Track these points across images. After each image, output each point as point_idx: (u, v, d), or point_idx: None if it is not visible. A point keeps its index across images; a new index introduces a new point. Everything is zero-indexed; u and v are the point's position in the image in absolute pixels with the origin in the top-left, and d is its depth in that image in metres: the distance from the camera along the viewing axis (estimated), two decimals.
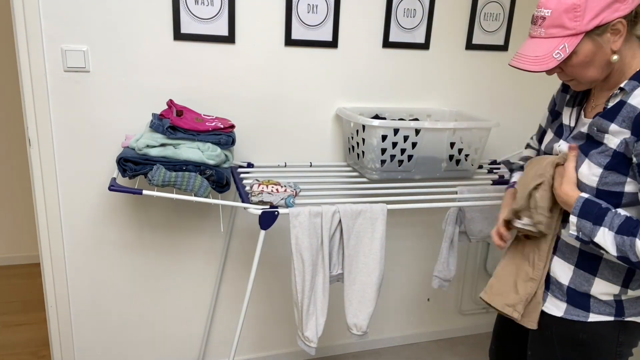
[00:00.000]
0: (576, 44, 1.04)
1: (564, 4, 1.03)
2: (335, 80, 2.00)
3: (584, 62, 1.07)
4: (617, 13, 1.02)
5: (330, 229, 1.58)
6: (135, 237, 1.96)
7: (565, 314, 1.19)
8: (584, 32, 1.03)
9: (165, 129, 1.57)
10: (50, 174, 1.78)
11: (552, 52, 1.05)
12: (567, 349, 1.20)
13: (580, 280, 1.17)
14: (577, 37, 1.04)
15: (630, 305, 1.16)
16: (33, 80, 1.67)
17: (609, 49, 1.05)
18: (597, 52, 1.06)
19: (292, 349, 2.34)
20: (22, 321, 2.55)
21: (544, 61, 1.06)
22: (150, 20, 1.74)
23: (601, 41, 1.05)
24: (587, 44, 1.05)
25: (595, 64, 1.07)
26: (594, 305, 1.16)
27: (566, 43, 1.04)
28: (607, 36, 1.04)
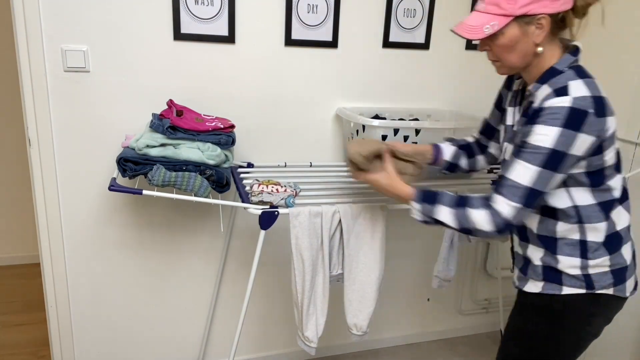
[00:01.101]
0: (504, 24, 1.16)
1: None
2: (335, 80, 2.00)
3: (508, 45, 1.19)
4: (544, 9, 1.13)
5: (330, 229, 1.58)
6: (135, 237, 1.96)
7: (543, 290, 1.28)
8: (513, 16, 1.15)
9: (165, 129, 1.57)
10: (50, 174, 1.78)
11: (483, 26, 1.18)
12: (542, 317, 1.29)
13: (548, 259, 1.27)
14: (507, 18, 1.15)
15: (599, 278, 1.24)
16: (33, 80, 1.67)
17: (532, 41, 1.17)
18: (521, 39, 1.17)
19: (292, 349, 2.34)
20: (22, 321, 2.55)
21: (475, 31, 1.19)
22: (150, 20, 1.74)
23: (526, 30, 1.16)
24: (514, 28, 1.17)
25: (517, 50, 1.19)
26: (565, 279, 1.25)
27: (497, 21, 1.16)
28: (532, 28, 1.16)
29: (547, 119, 1.10)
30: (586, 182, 1.18)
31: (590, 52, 2.21)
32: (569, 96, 1.11)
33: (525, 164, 1.13)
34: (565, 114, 1.09)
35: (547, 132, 1.10)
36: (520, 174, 1.14)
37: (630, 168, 2.03)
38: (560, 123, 1.09)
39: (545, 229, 1.26)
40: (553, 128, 1.10)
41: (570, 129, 1.09)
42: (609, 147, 1.17)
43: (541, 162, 1.11)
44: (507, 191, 1.15)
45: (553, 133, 1.10)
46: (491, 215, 1.17)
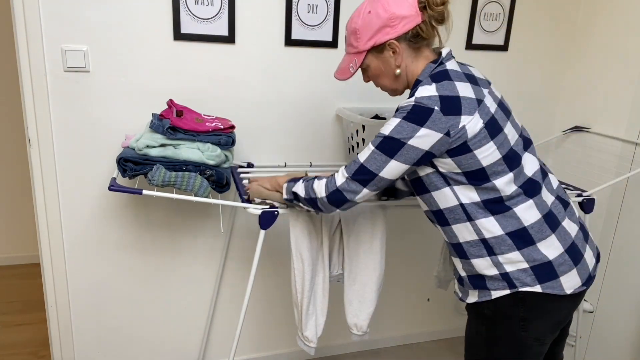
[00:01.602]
0: (362, 59, 1.31)
1: (349, 29, 1.31)
2: (335, 80, 2.00)
3: (376, 73, 1.33)
4: (387, 36, 1.25)
5: (330, 229, 1.58)
6: (135, 237, 1.96)
7: (478, 298, 1.30)
8: (365, 51, 1.29)
9: (165, 130, 1.57)
10: (50, 174, 1.78)
11: (348, 65, 1.34)
12: (479, 324, 1.32)
13: (467, 267, 1.31)
14: (361, 54, 1.30)
15: (518, 275, 1.23)
16: (33, 80, 1.67)
17: (394, 64, 1.29)
18: (384, 66, 1.30)
19: (292, 349, 2.34)
20: (22, 321, 2.55)
21: (344, 72, 1.35)
22: (150, 20, 1.74)
23: (383, 57, 1.29)
24: (373, 60, 1.31)
25: (385, 75, 1.32)
26: (489, 283, 1.26)
27: (355, 59, 1.32)
28: (388, 54, 1.28)
29: (395, 115, 1.21)
30: (465, 181, 1.22)
31: (590, 52, 2.22)
32: (414, 97, 1.19)
33: (368, 146, 1.24)
34: (408, 109, 1.18)
35: (390, 123, 1.20)
36: (362, 154, 1.25)
37: (630, 168, 2.03)
38: (402, 116, 1.18)
39: (449, 236, 1.31)
40: (395, 119, 1.19)
41: (410, 122, 1.17)
42: (481, 146, 1.18)
43: (377, 144, 1.22)
44: (348, 166, 1.28)
45: (394, 123, 1.19)
46: (326, 183, 1.30)
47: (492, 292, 1.26)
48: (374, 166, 1.23)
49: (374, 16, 1.25)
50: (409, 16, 1.24)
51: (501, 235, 1.23)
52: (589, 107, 2.22)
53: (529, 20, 2.18)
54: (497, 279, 1.25)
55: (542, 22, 2.20)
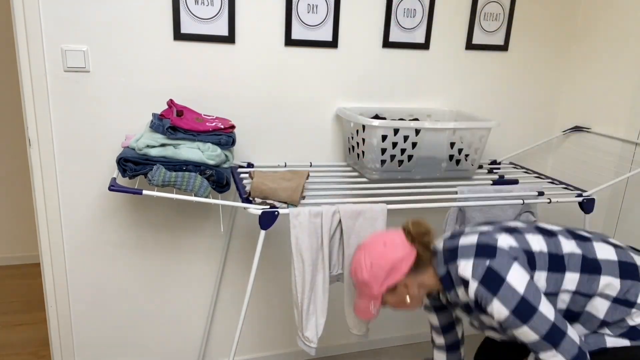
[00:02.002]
0: (379, 302, 1.41)
1: (358, 280, 1.41)
2: (335, 80, 2.00)
3: (396, 304, 1.43)
4: (396, 277, 1.36)
5: (330, 229, 1.58)
6: (135, 237, 1.96)
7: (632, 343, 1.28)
8: (380, 295, 1.39)
9: (166, 129, 1.57)
10: (50, 174, 1.78)
11: (368, 307, 1.42)
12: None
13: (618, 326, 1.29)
14: (377, 298, 1.40)
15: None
16: (33, 80, 1.67)
17: (406, 294, 1.40)
18: (401, 297, 1.40)
19: (292, 349, 2.34)
20: (22, 321, 2.55)
21: (366, 313, 1.43)
22: (150, 20, 1.74)
23: (398, 292, 1.40)
24: (390, 297, 1.41)
25: (405, 302, 1.42)
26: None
27: (373, 302, 1.41)
28: (401, 289, 1.39)
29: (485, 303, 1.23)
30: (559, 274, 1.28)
31: (590, 52, 2.22)
32: (469, 279, 1.25)
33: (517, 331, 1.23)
34: (483, 290, 1.23)
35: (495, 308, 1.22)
36: (526, 336, 1.23)
37: (630, 168, 2.03)
38: (490, 296, 1.22)
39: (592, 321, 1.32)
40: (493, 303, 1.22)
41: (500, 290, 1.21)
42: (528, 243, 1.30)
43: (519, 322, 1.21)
44: (539, 348, 1.23)
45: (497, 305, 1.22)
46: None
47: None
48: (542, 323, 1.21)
49: (377, 268, 1.36)
50: (405, 255, 1.36)
51: None
52: (589, 107, 2.22)
53: (529, 20, 2.18)
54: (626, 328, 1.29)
55: (542, 22, 2.20)
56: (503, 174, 2.06)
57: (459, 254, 1.31)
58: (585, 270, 1.28)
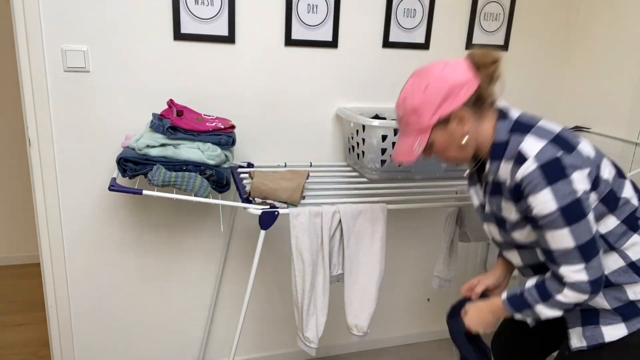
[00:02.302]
0: (427, 138, 1.21)
1: (407, 108, 1.21)
2: (335, 80, 2.00)
3: (442, 147, 1.23)
4: (452, 105, 1.17)
5: (330, 229, 1.58)
6: (135, 237, 1.96)
7: (629, 329, 1.22)
8: (430, 127, 1.20)
9: (166, 129, 1.57)
10: (50, 174, 1.78)
11: (412, 147, 1.22)
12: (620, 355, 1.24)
13: (616, 295, 1.22)
14: (425, 132, 1.21)
15: None
16: (33, 80, 1.67)
17: (459, 134, 1.20)
18: (451, 138, 1.21)
19: (292, 349, 2.34)
20: (22, 321, 2.55)
21: (409, 154, 1.23)
22: (150, 20, 1.74)
23: (450, 129, 1.20)
24: (439, 134, 1.21)
25: (452, 147, 1.23)
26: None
27: (420, 137, 1.21)
28: (453, 125, 1.19)
29: (531, 189, 1.11)
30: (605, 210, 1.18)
31: (590, 52, 2.22)
32: (530, 158, 1.12)
33: (553, 232, 1.12)
34: (540, 174, 1.10)
35: (543, 199, 1.10)
36: (558, 241, 1.13)
37: (630, 168, 2.03)
38: (544, 184, 1.10)
39: None
40: (543, 192, 1.10)
41: (557, 182, 1.09)
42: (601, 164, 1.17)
43: (563, 223, 1.11)
44: (563, 259, 1.14)
45: (548, 195, 1.10)
46: (575, 289, 1.14)
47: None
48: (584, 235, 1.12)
49: (433, 90, 1.18)
50: (467, 81, 1.19)
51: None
52: (589, 107, 2.22)
53: (529, 20, 2.18)
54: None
55: (542, 22, 2.20)
56: None
57: (533, 131, 1.16)
58: (626, 221, 1.20)
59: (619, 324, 1.23)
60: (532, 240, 1.23)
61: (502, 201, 1.23)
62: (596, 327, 1.25)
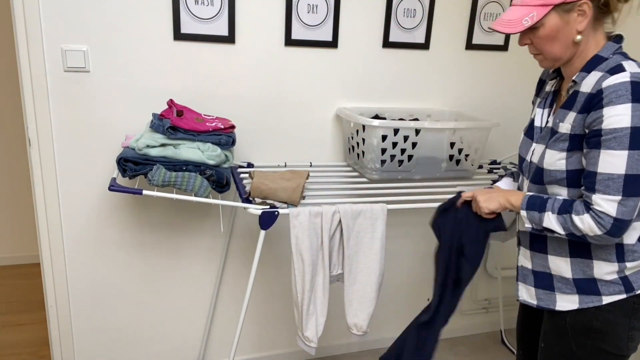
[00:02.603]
0: (544, 14, 1.12)
1: None
2: (335, 80, 2.00)
3: (549, 35, 1.15)
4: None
5: (330, 229, 1.58)
6: (135, 237, 1.96)
7: (580, 304, 1.21)
8: (552, 5, 1.11)
9: (166, 129, 1.57)
10: (50, 174, 1.78)
11: (522, 18, 1.13)
12: (582, 338, 1.23)
13: (581, 267, 1.21)
14: (545, 7, 1.12)
15: (637, 278, 1.19)
16: (33, 80, 1.67)
17: (574, 29, 1.13)
18: (563, 28, 1.13)
19: (292, 349, 2.34)
20: (22, 321, 2.55)
21: (513, 25, 1.14)
22: (150, 20, 1.74)
23: (568, 18, 1.12)
24: (554, 18, 1.13)
25: (560, 40, 1.15)
26: (603, 288, 1.19)
27: (535, 12, 1.12)
28: (573, 15, 1.12)
29: (612, 99, 1.05)
30: None
31: None
32: (627, 72, 1.06)
33: (609, 152, 1.06)
34: (629, 88, 1.04)
35: (620, 112, 1.04)
36: (609, 164, 1.07)
37: None
38: (628, 99, 1.04)
39: None
40: (624, 105, 1.04)
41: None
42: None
43: (626, 144, 1.04)
44: (602, 186, 1.08)
45: (627, 110, 1.04)
46: (596, 218, 1.09)
47: (604, 297, 1.19)
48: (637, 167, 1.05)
49: None
50: None
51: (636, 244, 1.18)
52: None
53: None
54: (615, 283, 1.19)
55: None
56: (503, 174, 2.06)
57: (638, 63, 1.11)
58: None
59: (573, 296, 1.22)
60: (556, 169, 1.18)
61: (568, 115, 1.16)
62: (551, 294, 1.26)
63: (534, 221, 1.19)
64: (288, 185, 1.56)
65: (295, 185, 1.56)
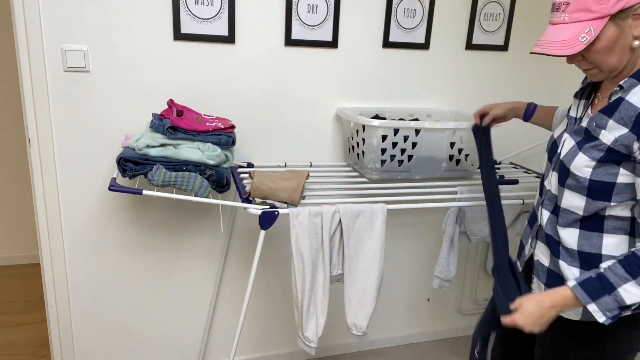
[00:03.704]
0: (602, 27, 1.04)
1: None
2: (335, 80, 2.00)
3: (606, 47, 1.07)
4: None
5: (330, 229, 1.58)
6: (135, 237, 1.96)
7: (583, 316, 1.19)
8: (609, 15, 1.03)
9: (166, 129, 1.57)
10: (50, 174, 1.78)
11: (578, 36, 1.05)
12: (581, 347, 1.21)
13: None
14: (602, 20, 1.04)
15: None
16: (33, 80, 1.67)
17: (631, 35, 1.05)
18: (620, 37, 1.06)
19: (292, 349, 2.34)
20: (22, 321, 2.55)
21: (570, 45, 1.06)
22: (150, 20, 1.74)
23: (624, 26, 1.05)
24: (611, 29, 1.05)
25: (617, 50, 1.07)
26: None
27: (592, 27, 1.04)
28: (629, 21, 1.04)
29: None
30: None
31: None
32: None
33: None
34: None
35: None
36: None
37: None
38: None
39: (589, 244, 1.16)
40: None
41: None
42: None
43: None
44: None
45: None
46: None
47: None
48: None
49: None
50: None
51: None
52: None
53: (529, 20, 2.18)
54: None
55: (542, 22, 2.20)
56: (503, 174, 2.06)
57: None
58: None
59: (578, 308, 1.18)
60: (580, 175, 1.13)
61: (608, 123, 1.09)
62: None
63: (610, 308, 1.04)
64: (288, 185, 1.56)
65: (295, 185, 1.56)
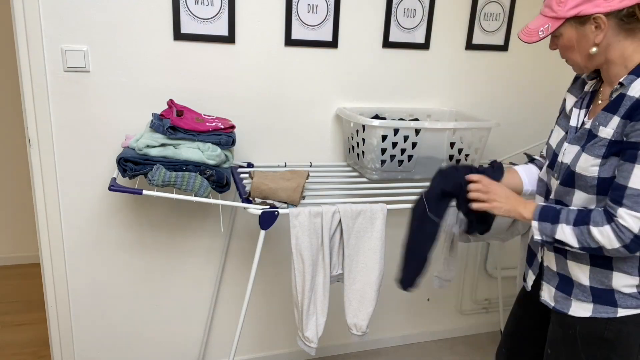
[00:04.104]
0: (556, 27, 1.15)
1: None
2: (335, 80, 2.00)
3: (567, 45, 1.17)
4: (597, 9, 1.09)
5: (330, 228, 1.58)
6: (135, 237, 1.96)
7: (594, 313, 1.20)
8: (564, 18, 1.13)
9: (166, 129, 1.57)
10: (50, 174, 1.78)
11: (539, 29, 1.18)
12: (592, 347, 1.21)
13: (599, 277, 1.19)
14: (558, 20, 1.15)
15: None
16: (33, 80, 1.67)
17: (592, 41, 1.13)
18: (581, 40, 1.14)
19: (292, 349, 2.34)
20: (22, 321, 2.55)
21: (531, 34, 1.19)
22: (150, 20, 1.74)
23: (584, 31, 1.13)
24: (570, 30, 1.15)
25: (578, 50, 1.16)
26: (620, 300, 1.18)
27: (550, 23, 1.16)
28: (589, 27, 1.12)
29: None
30: None
31: None
32: None
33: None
34: None
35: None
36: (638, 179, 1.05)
37: None
38: None
39: None
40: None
41: None
42: None
43: None
44: (631, 202, 1.06)
45: None
46: (617, 231, 1.08)
47: (620, 309, 1.17)
48: None
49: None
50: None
51: None
52: None
53: (529, 20, 2.18)
54: (633, 297, 1.17)
55: None
56: None
57: None
58: None
59: (588, 304, 1.21)
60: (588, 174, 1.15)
61: (612, 120, 1.12)
62: (568, 299, 1.24)
63: (545, 233, 1.17)
64: (288, 185, 1.56)
65: (295, 185, 1.56)
